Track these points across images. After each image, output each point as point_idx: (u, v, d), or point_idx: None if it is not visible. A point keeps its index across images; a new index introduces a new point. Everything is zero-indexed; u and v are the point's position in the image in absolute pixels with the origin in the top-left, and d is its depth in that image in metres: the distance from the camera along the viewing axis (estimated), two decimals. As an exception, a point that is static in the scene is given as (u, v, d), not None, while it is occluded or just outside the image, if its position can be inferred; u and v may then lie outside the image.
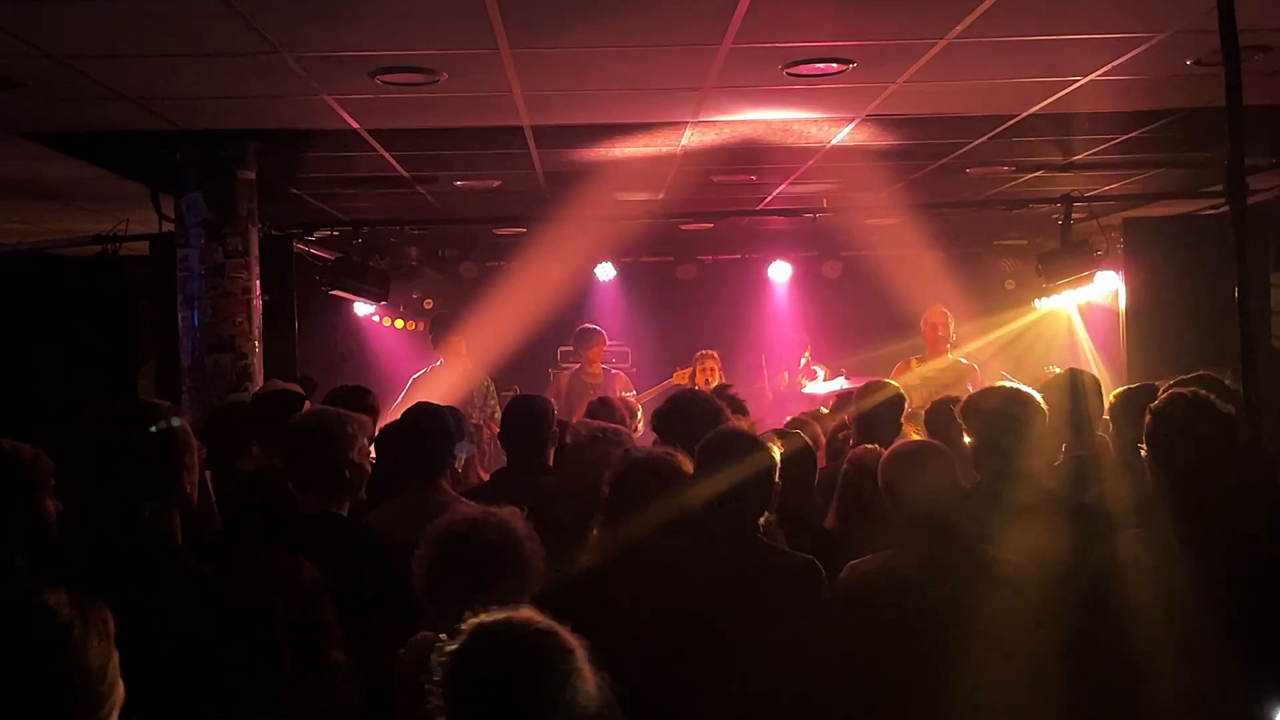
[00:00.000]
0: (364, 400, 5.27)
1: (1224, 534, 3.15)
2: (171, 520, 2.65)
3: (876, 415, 4.97)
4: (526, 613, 2.06)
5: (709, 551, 3.33)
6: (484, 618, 2.03)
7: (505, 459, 4.70)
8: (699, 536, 3.36)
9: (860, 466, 4.09)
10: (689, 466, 3.49)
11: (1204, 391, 3.35)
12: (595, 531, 3.47)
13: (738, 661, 3.14)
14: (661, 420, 4.39)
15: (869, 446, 4.21)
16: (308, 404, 5.04)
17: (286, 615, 2.67)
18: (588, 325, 9.39)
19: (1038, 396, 4.01)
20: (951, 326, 8.51)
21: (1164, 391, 4.20)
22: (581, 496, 3.75)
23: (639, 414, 7.48)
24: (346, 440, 3.69)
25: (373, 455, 4.20)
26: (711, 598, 3.22)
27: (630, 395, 8.27)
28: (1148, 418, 3.31)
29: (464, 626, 2.04)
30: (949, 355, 8.43)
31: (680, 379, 9.54)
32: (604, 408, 5.36)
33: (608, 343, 9.34)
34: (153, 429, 2.67)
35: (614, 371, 9.13)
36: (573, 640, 2.04)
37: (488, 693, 1.99)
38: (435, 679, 2.04)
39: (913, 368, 8.30)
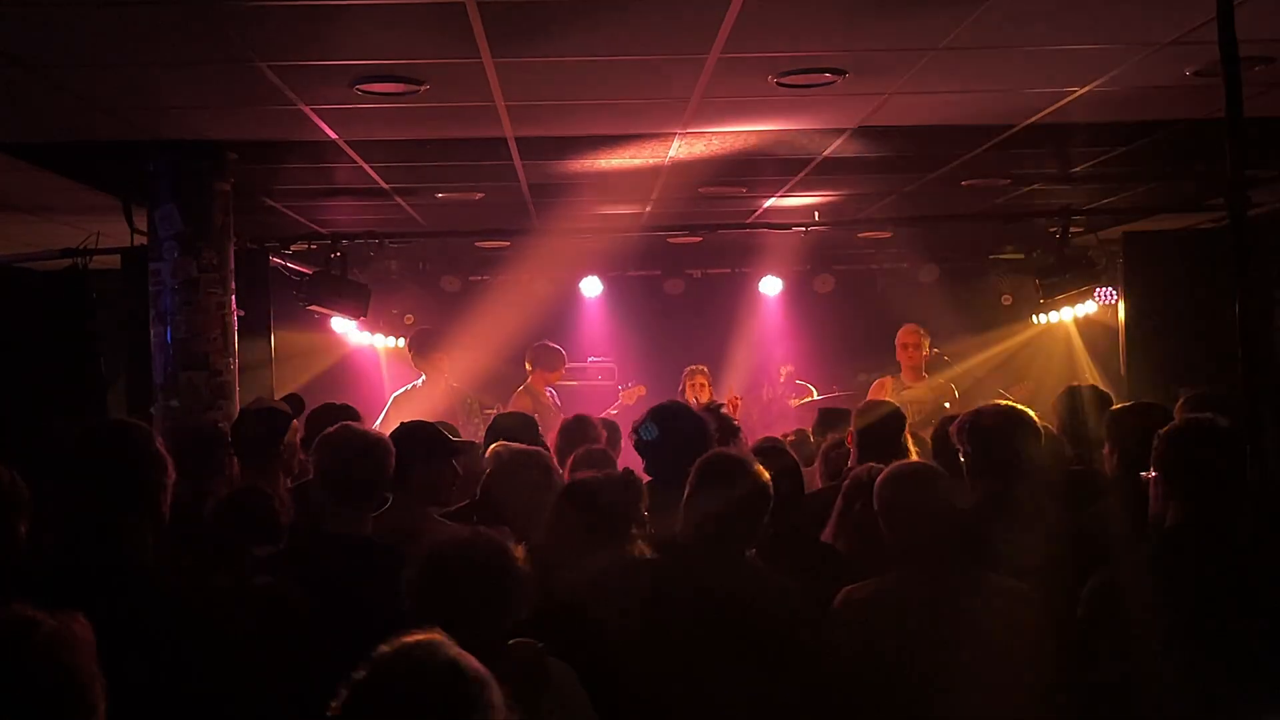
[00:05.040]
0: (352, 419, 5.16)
1: (1233, 562, 3.05)
2: (144, 537, 2.64)
3: (878, 433, 4.86)
4: (435, 639, 1.92)
5: (697, 575, 3.29)
6: (385, 647, 1.89)
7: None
8: (688, 560, 3.34)
9: (860, 485, 4.03)
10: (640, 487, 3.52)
11: (1219, 418, 3.24)
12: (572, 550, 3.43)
13: (726, 687, 3.10)
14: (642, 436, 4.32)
15: (870, 465, 4.13)
16: (295, 422, 5.03)
17: (269, 635, 2.65)
18: (554, 345, 8.82)
19: (1034, 415, 3.99)
20: (925, 344, 8.37)
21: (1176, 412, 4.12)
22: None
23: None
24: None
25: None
26: (699, 621, 3.17)
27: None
28: (1159, 442, 3.20)
29: (371, 655, 1.90)
30: (925, 378, 8.33)
31: (630, 398, 9.29)
32: (580, 426, 5.22)
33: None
34: (126, 447, 2.67)
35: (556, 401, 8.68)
36: (482, 671, 1.91)
37: None
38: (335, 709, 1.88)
39: (888, 387, 8.17)
